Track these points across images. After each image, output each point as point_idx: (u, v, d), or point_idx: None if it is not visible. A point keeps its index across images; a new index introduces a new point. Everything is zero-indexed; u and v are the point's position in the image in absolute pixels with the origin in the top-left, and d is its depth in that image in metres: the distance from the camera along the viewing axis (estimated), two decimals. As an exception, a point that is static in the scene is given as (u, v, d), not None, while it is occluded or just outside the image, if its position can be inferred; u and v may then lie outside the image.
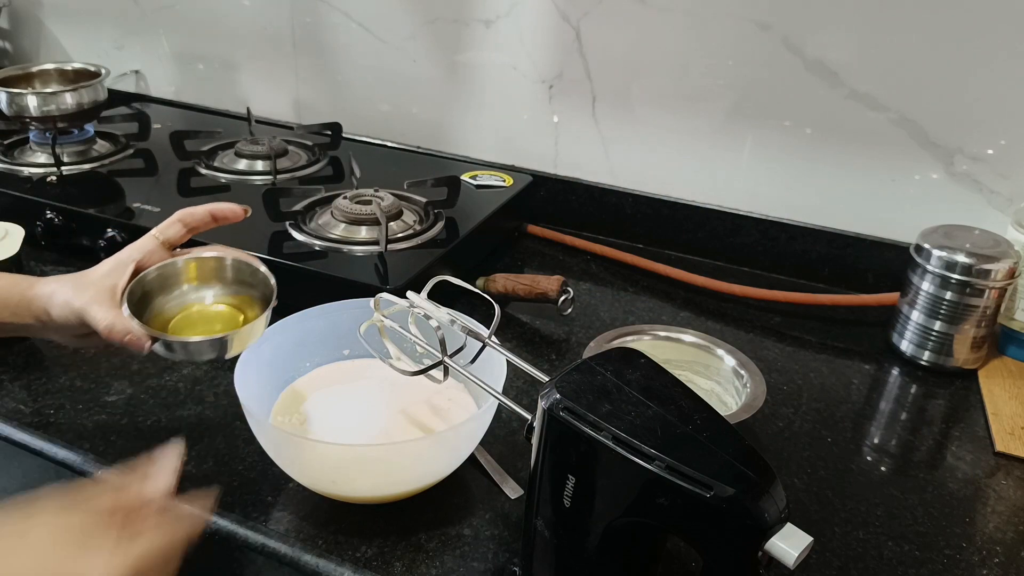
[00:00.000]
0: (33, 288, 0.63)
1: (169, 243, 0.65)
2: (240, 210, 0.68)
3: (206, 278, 0.66)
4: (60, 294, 0.62)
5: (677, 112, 1.03)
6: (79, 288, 0.62)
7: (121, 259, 0.64)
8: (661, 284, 1.01)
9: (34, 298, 0.63)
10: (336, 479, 0.60)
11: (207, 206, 0.67)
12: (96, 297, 0.61)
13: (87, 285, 0.62)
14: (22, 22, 1.48)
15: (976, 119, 0.90)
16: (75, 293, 0.62)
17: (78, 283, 0.63)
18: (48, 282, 0.64)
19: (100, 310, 0.60)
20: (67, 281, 0.63)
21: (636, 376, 0.49)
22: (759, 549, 0.43)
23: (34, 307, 0.63)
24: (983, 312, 0.81)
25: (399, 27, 1.15)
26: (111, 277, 0.62)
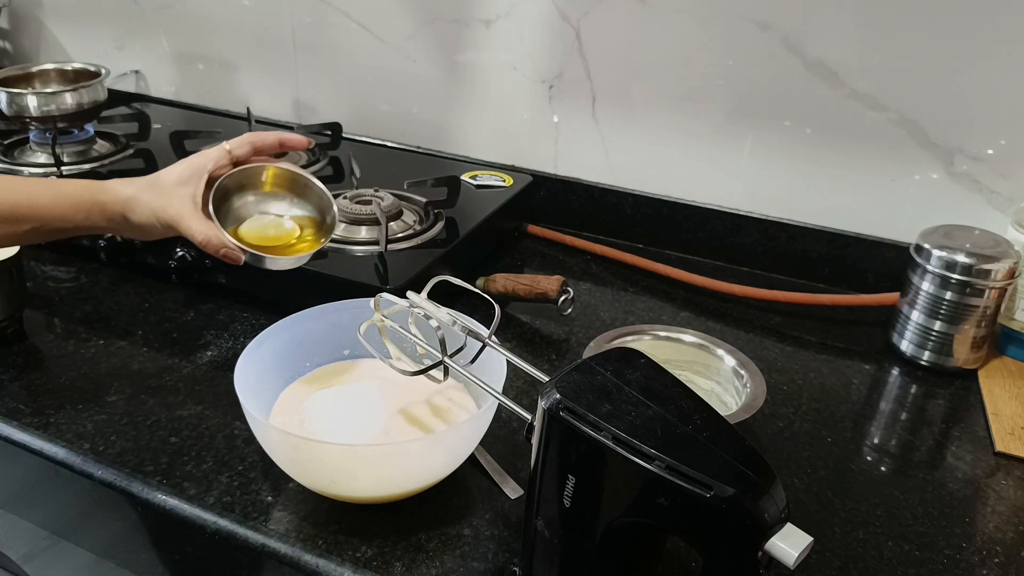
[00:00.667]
0: (105, 192, 0.66)
1: (236, 159, 0.69)
2: (305, 141, 0.73)
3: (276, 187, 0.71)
4: (142, 202, 0.65)
5: (677, 112, 1.03)
6: (161, 196, 0.65)
7: (195, 167, 0.67)
8: (661, 284, 1.01)
9: (108, 203, 0.65)
10: (336, 479, 0.60)
11: (277, 134, 0.72)
12: (183, 208, 0.65)
13: (168, 194, 0.65)
14: (22, 22, 1.48)
15: (976, 119, 0.90)
16: (160, 202, 0.65)
17: (158, 190, 0.65)
18: (122, 187, 0.66)
19: (194, 223, 0.65)
20: (144, 187, 0.66)
21: (636, 376, 0.49)
22: (759, 549, 0.43)
23: (108, 211, 0.65)
24: (983, 312, 0.81)
25: (399, 27, 1.15)
26: (189, 186, 0.66)
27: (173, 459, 0.67)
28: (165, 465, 0.66)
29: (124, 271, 0.95)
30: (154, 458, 0.67)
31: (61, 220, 0.66)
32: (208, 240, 0.65)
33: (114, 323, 0.86)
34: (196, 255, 0.88)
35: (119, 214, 0.66)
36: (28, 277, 0.92)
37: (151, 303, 0.90)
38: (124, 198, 0.66)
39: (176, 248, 0.89)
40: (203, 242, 0.65)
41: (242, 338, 0.83)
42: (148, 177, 0.68)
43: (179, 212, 0.65)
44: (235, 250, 0.66)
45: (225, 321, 0.87)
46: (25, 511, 0.80)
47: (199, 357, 0.81)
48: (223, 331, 0.85)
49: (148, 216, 0.66)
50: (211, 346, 0.82)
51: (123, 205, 0.66)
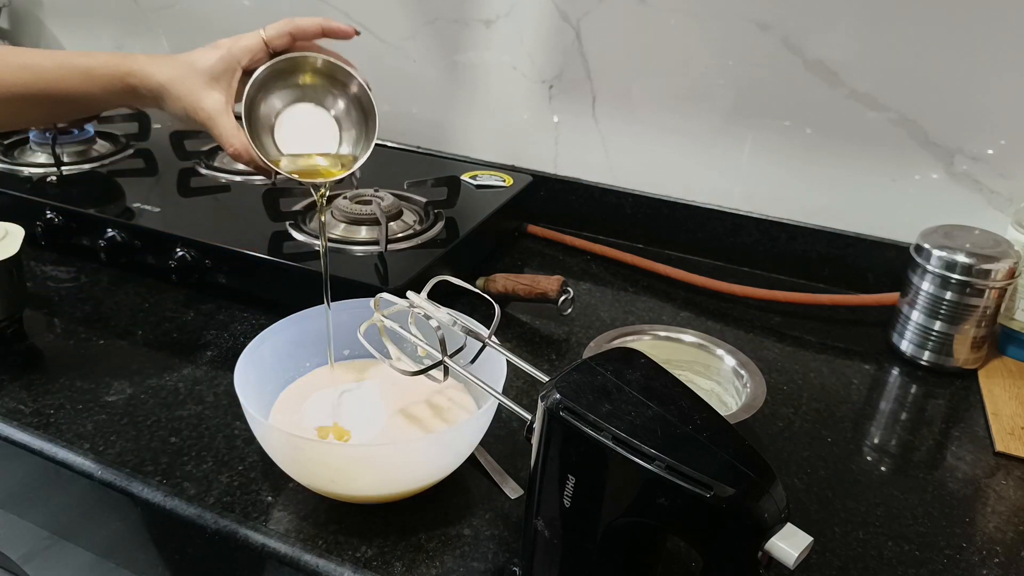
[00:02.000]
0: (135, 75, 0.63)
1: (274, 50, 0.66)
2: (351, 29, 0.68)
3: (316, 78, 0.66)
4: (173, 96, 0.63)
5: (677, 112, 1.03)
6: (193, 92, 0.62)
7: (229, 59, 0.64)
8: (661, 284, 1.01)
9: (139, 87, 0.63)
10: (336, 479, 0.60)
11: (318, 20, 0.67)
12: (214, 110, 0.62)
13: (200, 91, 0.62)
14: (22, 22, 1.48)
15: (976, 119, 0.90)
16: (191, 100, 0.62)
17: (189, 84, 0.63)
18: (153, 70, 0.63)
19: (225, 130, 0.62)
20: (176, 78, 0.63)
21: (636, 376, 0.49)
22: (759, 549, 0.43)
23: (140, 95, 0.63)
24: (983, 312, 0.81)
25: (399, 27, 1.15)
26: (221, 83, 0.63)
27: (173, 459, 0.67)
28: (165, 465, 0.66)
29: (124, 271, 0.95)
30: (154, 458, 0.67)
31: (89, 100, 0.64)
32: (238, 152, 0.63)
33: (114, 323, 0.86)
34: (196, 255, 0.88)
35: (152, 101, 0.64)
36: (28, 277, 0.92)
37: (151, 303, 0.90)
38: (155, 86, 0.63)
39: (176, 248, 0.89)
40: (234, 153, 0.63)
41: (242, 338, 0.83)
42: (180, 60, 0.64)
43: (210, 115, 0.63)
44: (266, 166, 0.63)
45: (225, 321, 0.87)
46: (25, 511, 0.80)
47: (199, 357, 0.81)
48: (223, 331, 0.85)
49: (179, 110, 0.64)
50: (211, 346, 0.82)
51: (154, 92, 0.63)
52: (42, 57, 0.64)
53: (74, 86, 0.63)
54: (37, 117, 0.66)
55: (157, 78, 0.63)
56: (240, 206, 0.99)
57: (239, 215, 0.97)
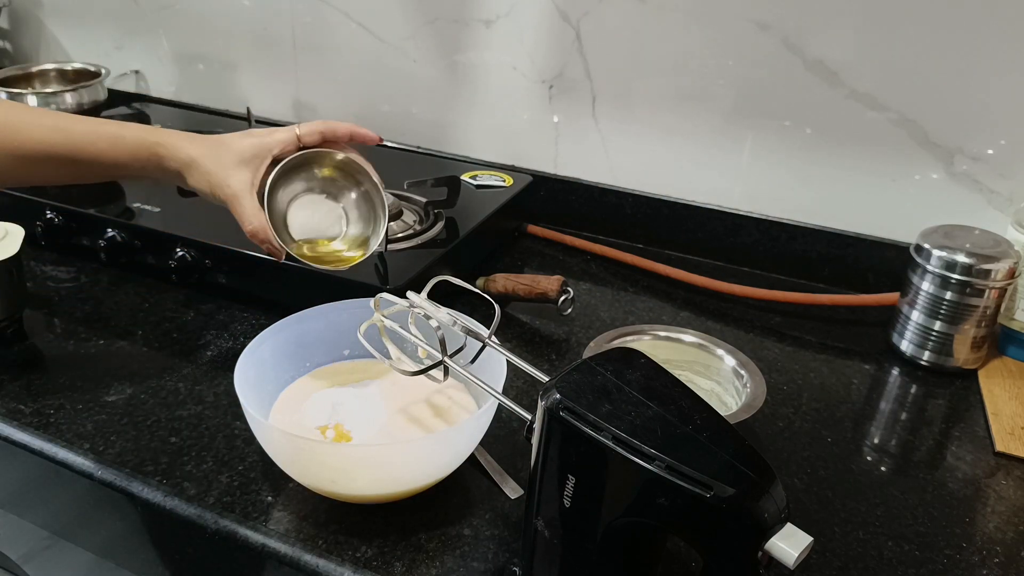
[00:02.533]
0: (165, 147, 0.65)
1: (304, 145, 0.69)
2: (376, 137, 0.73)
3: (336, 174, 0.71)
4: (201, 171, 0.65)
5: (677, 112, 1.03)
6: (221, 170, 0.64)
7: (261, 148, 0.66)
8: (661, 284, 1.01)
9: (167, 159, 0.65)
10: (336, 479, 0.60)
11: (348, 126, 0.71)
12: (240, 190, 0.64)
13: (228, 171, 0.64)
14: (22, 22, 1.48)
15: (976, 119, 0.90)
16: (218, 178, 0.64)
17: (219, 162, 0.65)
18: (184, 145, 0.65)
19: (247, 211, 0.64)
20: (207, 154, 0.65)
21: (636, 376, 0.49)
22: (759, 549, 0.43)
23: (165, 166, 0.65)
24: (983, 312, 0.81)
25: (399, 27, 1.15)
26: (250, 167, 0.65)
27: (173, 459, 0.67)
28: (165, 465, 0.66)
29: (124, 271, 0.95)
30: (154, 458, 0.67)
31: (116, 166, 0.65)
32: (255, 232, 0.65)
33: (114, 323, 0.86)
34: (196, 255, 0.88)
35: (175, 173, 0.65)
36: (28, 277, 0.92)
37: (151, 303, 0.90)
38: (184, 159, 0.65)
39: (176, 248, 0.89)
40: (251, 232, 0.65)
41: (242, 338, 0.83)
42: (212, 140, 0.66)
43: (235, 193, 0.65)
44: (279, 249, 0.66)
45: (225, 321, 0.87)
46: (25, 511, 0.80)
47: (199, 357, 0.81)
48: (223, 331, 0.85)
49: (204, 185, 0.65)
50: (211, 346, 0.82)
51: (182, 165, 0.65)
52: (73, 121, 0.66)
53: (102, 150, 0.64)
54: (59, 177, 0.66)
55: (188, 151, 0.65)
56: (240, 206, 0.99)
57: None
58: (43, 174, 0.65)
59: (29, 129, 0.63)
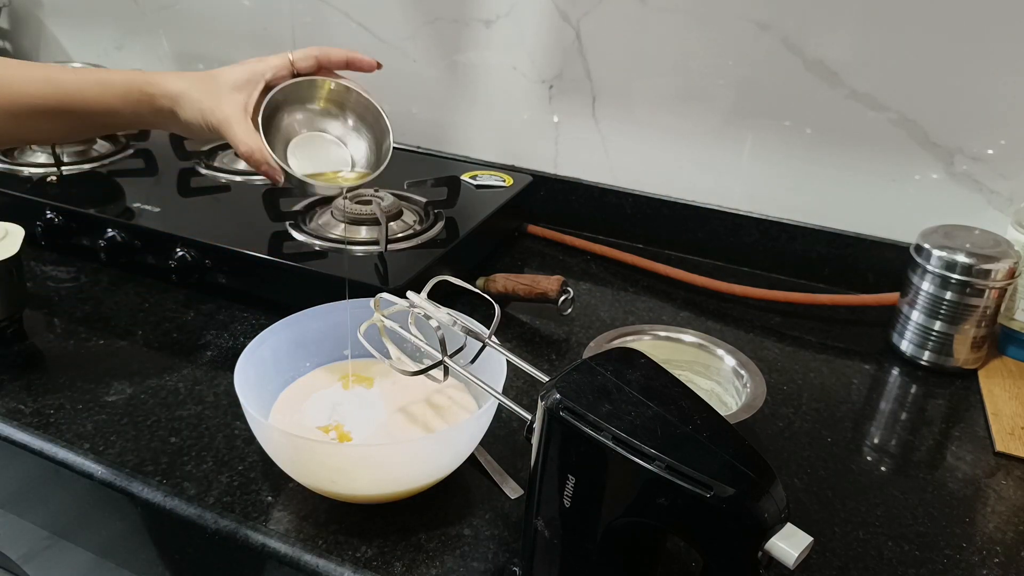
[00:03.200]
0: (153, 85, 0.64)
1: (298, 72, 0.67)
2: (374, 62, 0.71)
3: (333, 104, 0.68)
4: (192, 99, 0.63)
5: (677, 112, 1.03)
6: (212, 96, 0.63)
7: (253, 72, 0.65)
8: (661, 284, 1.01)
9: (157, 96, 0.64)
10: (336, 479, 0.60)
11: (345, 51, 0.69)
12: (233, 114, 0.63)
13: (219, 95, 0.63)
14: (22, 22, 1.48)
15: (976, 119, 0.90)
16: (210, 103, 0.63)
17: (210, 89, 0.64)
18: (173, 80, 0.64)
19: (240, 131, 0.63)
20: (196, 85, 0.64)
21: (636, 376, 0.49)
22: (759, 549, 0.43)
23: (157, 104, 0.64)
24: (983, 312, 0.81)
25: (399, 27, 1.15)
26: (243, 91, 0.64)
27: (173, 459, 0.67)
28: (165, 465, 0.66)
29: (124, 271, 0.95)
30: (154, 458, 0.67)
31: (108, 113, 0.64)
32: (251, 152, 0.63)
33: (114, 323, 0.86)
34: (196, 255, 0.88)
35: (168, 109, 0.64)
36: (28, 277, 0.92)
37: (151, 303, 0.90)
38: (174, 92, 0.64)
39: (176, 248, 0.89)
40: (246, 153, 0.63)
41: (242, 338, 0.83)
42: (202, 72, 0.65)
43: (227, 116, 0.63)
44: (276, 168, 0.64)
45: (225, 321, 0.87)
46: (25, 511, 0.80)
47: (199, 357, 0.81)
48: (223, 331, 0.85)
49: (195, 115, 0.64)
50: (211, 346, 0.82)
51: (172, 100, 0.64)
52: (61, 70, 0.65)
53: (92, 97, 0.63)
54: (52, 131, 0.65)
55: (178, 83, 0.64)
56: (240, 206, 0.99)
57: (239, 215, 0.97)
58: (36, 128, 0.64)
59: (19, 83, 0.61)
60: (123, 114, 0.64)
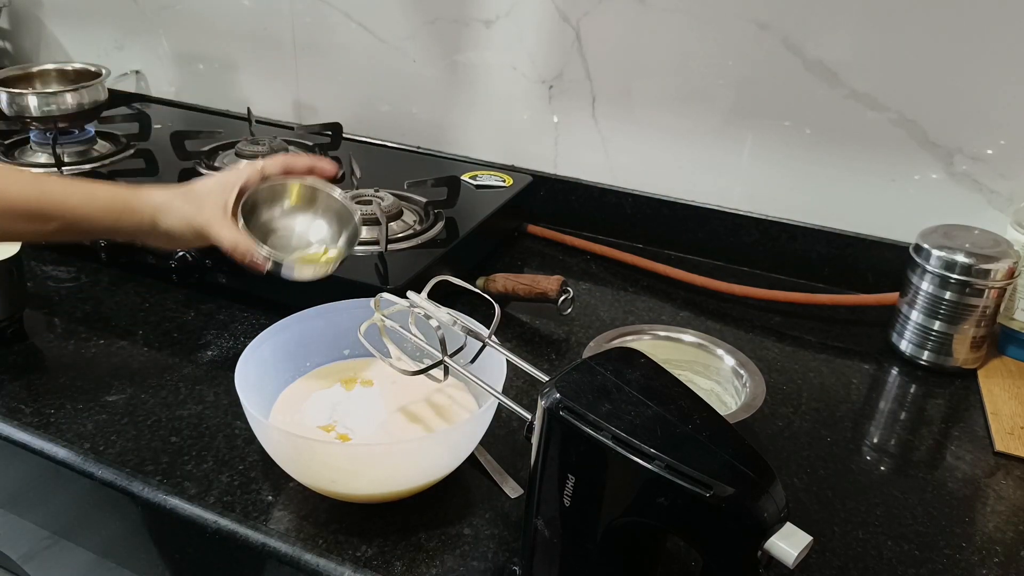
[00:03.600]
0: (138, 198, 0.67)
1: (266, 176, 0.72)
2: (334, 167, 0.76)
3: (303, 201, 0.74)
4: (175, 207, 0.67)
5: (677, 112, 1.03)
6: (193, 203, 0.67)
7: (227, 180, 0.69)
8: (661, 284, 1.01)
9: (139, 208, 0.67)
10: (336, 478, 0.60)
11: (309, 158, 0.75)
12: (214, 215, 0.67)
13: (200, 201, 0.67)
14: (22, 22, 1.48)
15: (976, 119, 0.90)
16: (192, 209, 0.67)
17: (190, 198, 0.67)
18: (154, 193, 0.68)
19: (224, 229, 0.67)
20: (178, 195, 0.67)
21: (636, 376, 0.49)
22: (759, 548, 0.43)
23: (138, 216, 0.67)
24: (983, 312, 0.81)
25: (399, 27, 1.15)
26: (220, 195, 0.68)
27: (173, 459, 0.67)
28: (165, 465, 0.66)
29: (124, 271, 0.95)
30: (154, 458, 0.67)
31: (89, 221, 0.67)
32: (236, 245, 0.67)
33: (114, 323, 0.86)
34: (196, 256, 0.88)
35: (149, 219, 0.67)
36: (28, 277, 0.92)
37: (151, 303, 0.90)
38: (156, 203, 0.67)
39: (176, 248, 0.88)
40: (231, 247, 0.67)
41: (242, 338, 0.83)
42: (180, 185, 0.69)
43: (210, 218, 0.67)
44: (260, 256, 0.68)
45: (225, 321, 0.87)
46: (25, 511, 0.80)
47: (199, 357, 0.81)
48: (223, 331, 0.85)
49: (179, 222, 0.67)
50: (211, 346, 0.83)
51: (155, 210, 0.67)
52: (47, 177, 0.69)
53: (76, 205, 0.66)
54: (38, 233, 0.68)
55: (160, 196, 0.68)
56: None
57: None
58: (18, 229, 0.67)
59: (6, 184, 0.64)
60: (104, 224, 0.68)
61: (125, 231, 0.68)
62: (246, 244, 0.67)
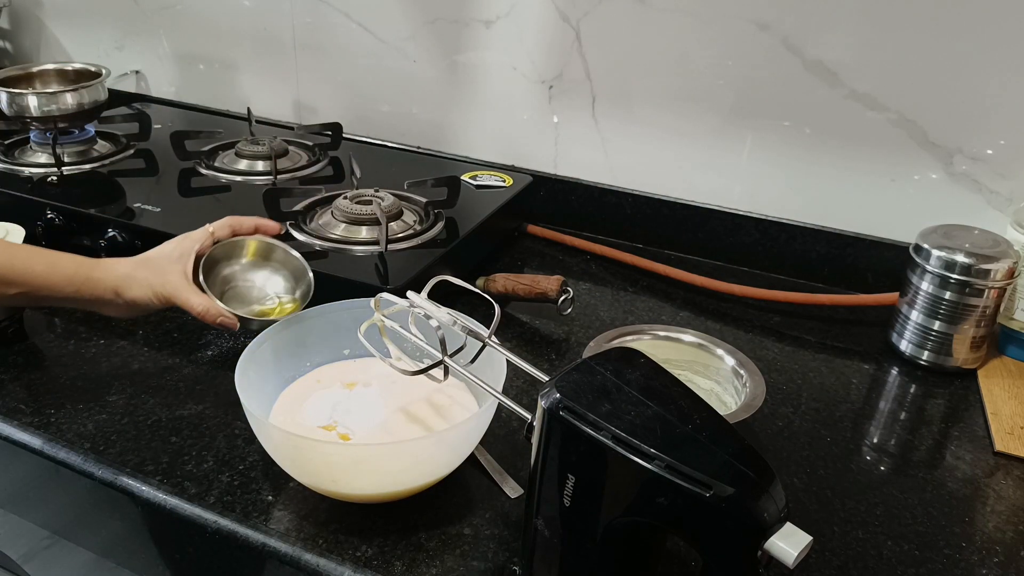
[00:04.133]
0: (100, 269, 0.69)
1: (217, 239, 0.76)
2: (277, 226, 0.81)
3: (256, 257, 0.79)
4: (139, 278, 0.70)
5: (677, 112, 1.03)
6: (156, 273, 0.70)
7: (183, 247, 0.73)
8: (661, 284, 1.01)
9: (101, 280, 0.69)
10: (337, 478, 0.60)
11: (253, 219, 0.80)
12: (179, 283, 0.70)
13: (162, 271, 0.70)
14: (22, 22, 1.48)
15: (976, 119, 0.90)
16: (156, 279, 0.70)
17: (152, 268, 0.71)
18: (116, 265, 0.70)
19: (192, 296, 0.71)
20: (139, 267, 0.70)
21: (636, 376, 0.49)
22: (758, 548, 0.43)
23: (100, 288, 0.69)
24: (982, 312, 0.82)
25: (399, 27, 1.15)
26: (180, 263, 0.71)
27: (174, 458, 0.67)
28: (166, 464, 0.67)
29: (124, 271, 0.95)
30: (155, 457, 0.67)
31: (50, 290, 0.70)
32: (206, 310, 0.70)
33: (114, 323, 0.86)
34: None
35: (111, 290, 0.69)
36: (28, 277, 0.92)
37: (151, 303, 0.90)
38: (118, 274, 0.70)
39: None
40: (201, 312, 0.70)
41: (242, 338, 0.83)
42: (138, 257, 0.72)
43: (176, 286, 0.71)
44: (231, 317, 0.71)
45: (225, 321, 0.87)
46: (25, 511, 0.80)
47: (200, 357, 0.81)
48: (223, 331, 0.85)
49: (144, 291, 0.70)
50: (211, 346, 0.83)
51: (117, 282, 0.70)
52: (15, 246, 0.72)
53: (39, 273, 0.69)
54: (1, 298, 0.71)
55: (122, 267, 0.71)
56: (241, 206, 0.99)
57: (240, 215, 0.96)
58: None
59: None
60: (65, 293, 0.70)
61: (86, 300, 0.70)
62: (215, 308, 0.71)
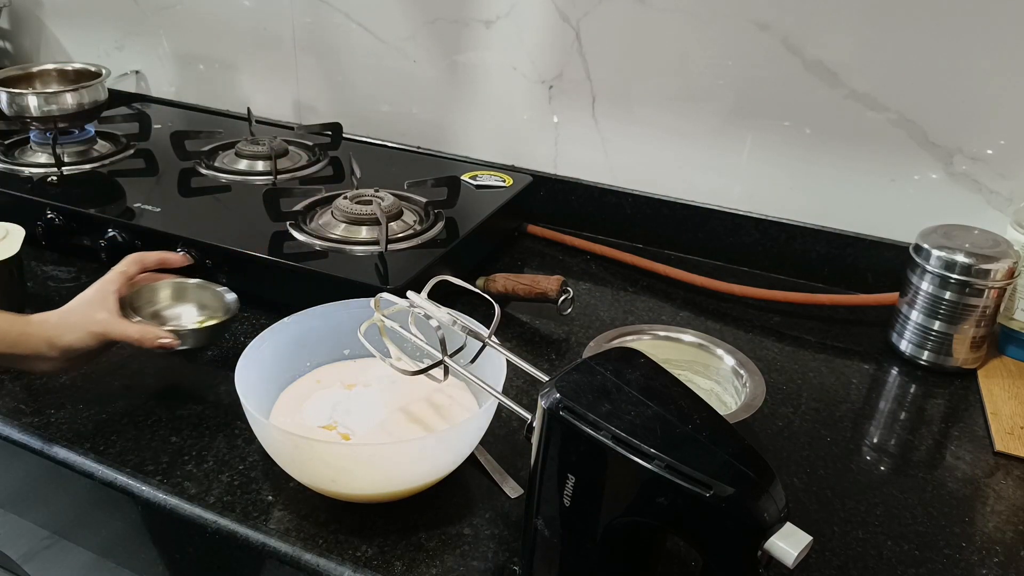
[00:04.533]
0: (31, 324, 0.70)
1: (130, 276, 0.77)
2: (181, 259, 0.85)
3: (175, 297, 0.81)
4: (70, 323, 0.71)
5: (677, 112, 1.03)
6: (84, 315, 0.71)
7: (101, 289, 0.74)
8: (661, 284, 1.01)
9: (35, 332, 0.69)
10: (337, 478, 0.60)
11: (157, 255, 0.81)
12: (110, 319, 0.71)
13: (89, 312, 0.72)
14: (22, 22, 1.48)
15: (976, 119, 0.90)
16: (86, 320, 0.71)
17: (79, 312, 0.72)
18: (47, 316, 0.71)
19: (127, 326, 0.71)
20: (66, 315, 0.71)
21: (636, 376, 0.49)
22: (758, 548, 0.43)
23: (34, 340, 0.69)
24: (982, 312, 0.82)
25: (399, 27, 1.15)
26: (104, 303, 0.72)
27: (174, 458, 0.67)
28: (166, 464, 0.67)
29: (124, 271, 0.95)
30: (155, 457, 0.67)
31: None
32: (143, 335, 0.71)
33: (114, 323, 0.86)
34: (197, 255, 0.88)
35: (45, 341, 0.69)
36: (28, 277, 0.92)
37: (151, 303, 0.90)
38: (51, 324, 0.70)
39: (177, 248, 0.89)
40: (139, 338, 0.71)
41: (243, 338, 0.83)
42: (62, 308, 0.73)
43: (107, 322, 0.71)
44: (169, 335, 0.72)
45: (225, 321, 0.87)
46: (25, 511, 0.80)
47: (200, 357, 0.81)
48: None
49: (78, 334, 0.70)
50: (212, 346, 0.83)
51: (48, 332, 0.70)
52: None
53: None
54: None
55: (53, 317, 0.71)
56: (241, 206, 0.99)
57: (240, 215, 0.97)
58: None
59: None
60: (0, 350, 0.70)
61: (18, 357, 0.70)
62: (153, 331, 0.71)
